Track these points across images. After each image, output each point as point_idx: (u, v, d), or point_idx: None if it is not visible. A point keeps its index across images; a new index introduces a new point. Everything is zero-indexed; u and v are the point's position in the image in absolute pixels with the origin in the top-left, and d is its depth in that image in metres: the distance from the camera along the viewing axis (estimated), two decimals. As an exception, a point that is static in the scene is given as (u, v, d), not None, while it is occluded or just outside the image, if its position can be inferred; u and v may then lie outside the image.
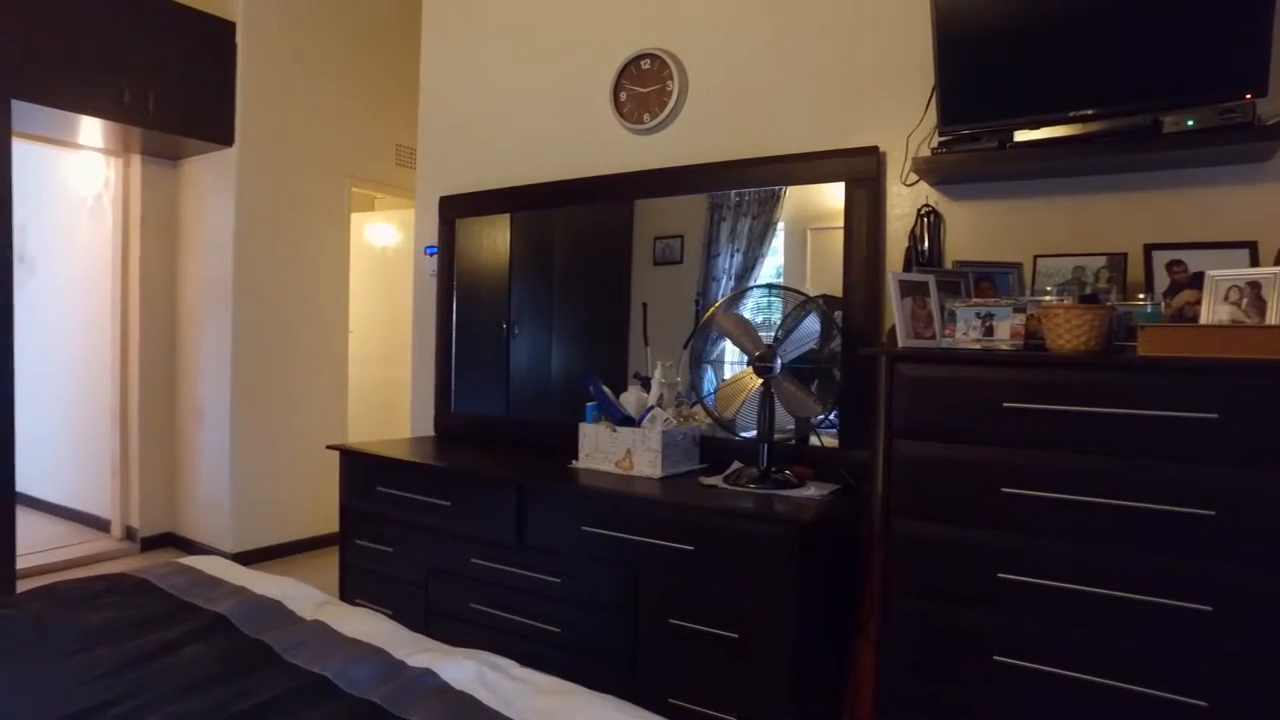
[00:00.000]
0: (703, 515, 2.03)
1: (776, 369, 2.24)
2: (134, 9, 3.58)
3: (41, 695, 1.25)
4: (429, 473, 2.57)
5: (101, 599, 1.65)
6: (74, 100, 3.40)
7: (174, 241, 4.31)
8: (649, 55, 2.77)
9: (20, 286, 3.29)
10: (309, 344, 4.34)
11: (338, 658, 1.35)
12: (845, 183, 2.36)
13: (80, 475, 4.71)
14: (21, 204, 3.28)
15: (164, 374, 4.32)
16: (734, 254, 2.65)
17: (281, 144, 4.14)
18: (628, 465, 2.39)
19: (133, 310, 4.24)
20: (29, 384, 3.34)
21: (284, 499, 4.23)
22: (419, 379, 3.43)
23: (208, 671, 1.31)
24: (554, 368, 3.15)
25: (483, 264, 3.26)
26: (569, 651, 2.23)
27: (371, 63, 4.51)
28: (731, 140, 2.62)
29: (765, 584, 1.91)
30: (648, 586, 2.11)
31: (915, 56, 2.23)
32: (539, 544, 2.31)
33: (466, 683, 1.27)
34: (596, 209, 2.96)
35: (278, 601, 1.62)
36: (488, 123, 3.24)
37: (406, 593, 2.60)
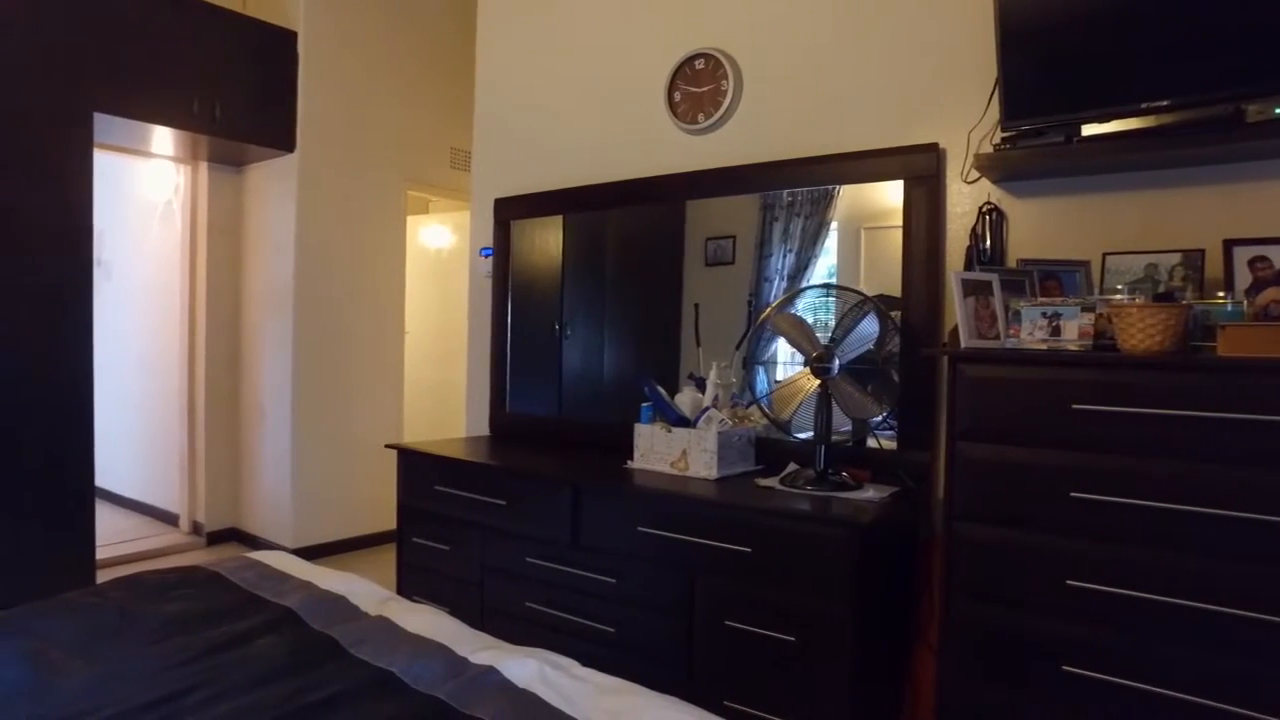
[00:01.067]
0: (759, 517, 2.01)
1: (834, 370, 2.21)
2: (203, 23, 3.71)
3: (129, 679, 1.30)
4: (485, 472, 2.61)
5: (177, 590, 1.71)
6: (148, 111, 3.53)
7: (238, 245, 4.45)
8: (703, 55, 2.76)
9: (98, 289, 3.42)
10: (366, 345, 4.43)
11: (402, 654, 1.37)
12: (904, 181, 2.32)
13: (151, 471, 4.89)
14: (100, 211, 3.40)
15: (228, 374, 4.46)
16: (786, 254, 2.63)
17: (340, 149, 4.24)
18: (683, 466, 2.39)
19: (200, 312, 4.39)
20: (105, 382, 3.48)
21: (342, 496, 4.33)
22: (474, 379, 3.48)
23: (278, 664, 1.35)
24: (606, 368, 3.17)
25: (535, 265, 3.29)
26: (623, 651, 2.23)
27: (427, 68, 4.59)
28: (786, 139, 2.60)
29: (823, 587, 1.89)
30: (703, 588, 2.10)
31: (976, 50, 2.18)
32: (594, 544, 2.32)
33: (529, 681, 1.28)
34: (648, 210, 2.97)
35: (342, 597, 1.66)
36: (542, 125, 3.27)
37: (462, 591, 2.63)
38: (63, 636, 1.48)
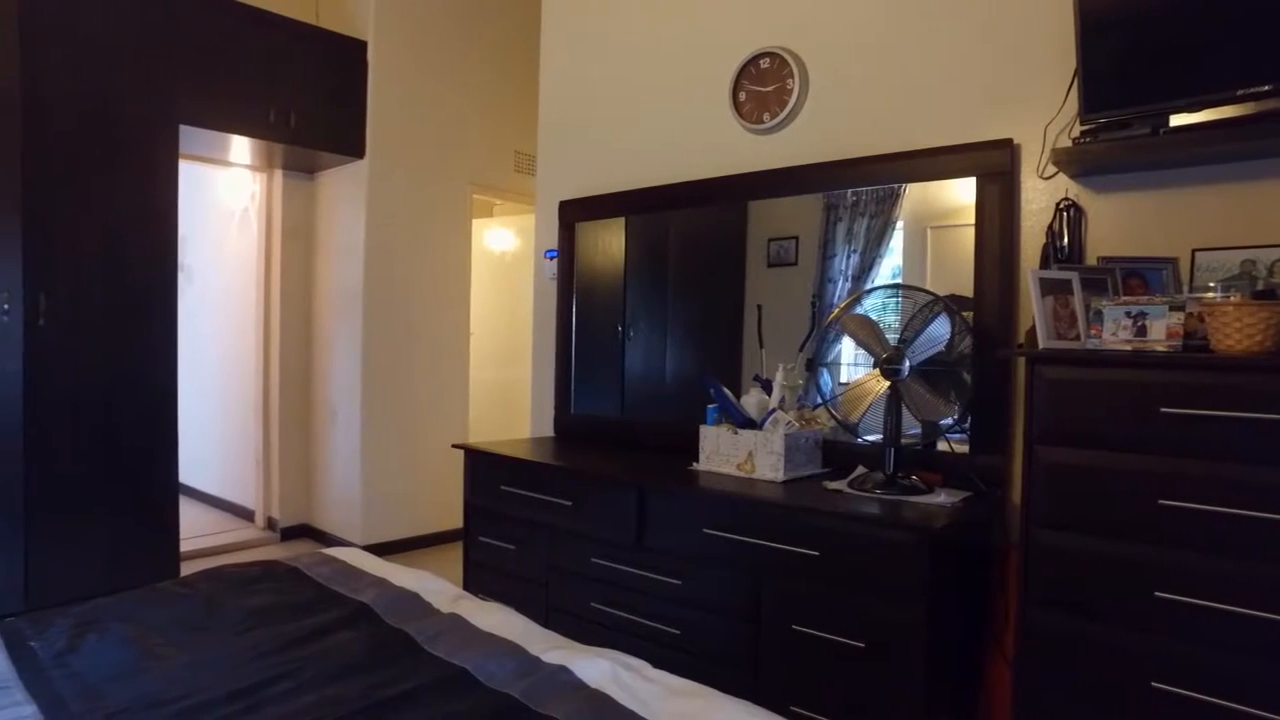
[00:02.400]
0: (828, 520, 1.98)
1: (904, 371, 2.17)
2: (279, 36, 3.84)
3: (217, 668, 1.35)
4: (551, 472, 2.63)
5: (259, 584, 1.78)
6: (228, 122, 3.68)
7: (310, 250, 4.59)
8: (769, 54, 2.74)
9: (180, 293, 3.58)
10: (433, 346, 4.52)
11: (476, 651, 1.40)
12: (976, 178, 2.26)
13: (229, 468, 5.09)
14: (183, 218, 3.56)
15: (301, 374, 4.61)
16: (850, 255, 2.59)
17: (408, 154, 4.34)
18: (749, 468, 2.37)
19: (274, 315, 4.55)
20: (187, 383, 3.63)
21: (409, 495, 4.42)
22: (539, 380, 3.51)
23: (356, 658, 1.39)
24: (668, 370, 3.17)
25: (598, 267, 3.31)
26: (688, 654, 2.23)
27: (492, 73, 4.66)
28: (853, 138, 2.56)
29: (894, 593, 1.85)
30: (770, 591, 2.08)
31: (1052, 41, 2.11)
32: (659, 545, 2.32)
33: (600, 681, 1.28)
34: (710, 211, 2.96)
35: (416, 594, 1.69)
36: (605, 128, 3.28)
37: (528, 590, 2.66)
38: (159, 624, 1.55)
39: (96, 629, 1.53)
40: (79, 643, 1.48)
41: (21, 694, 1.29)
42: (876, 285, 2.50)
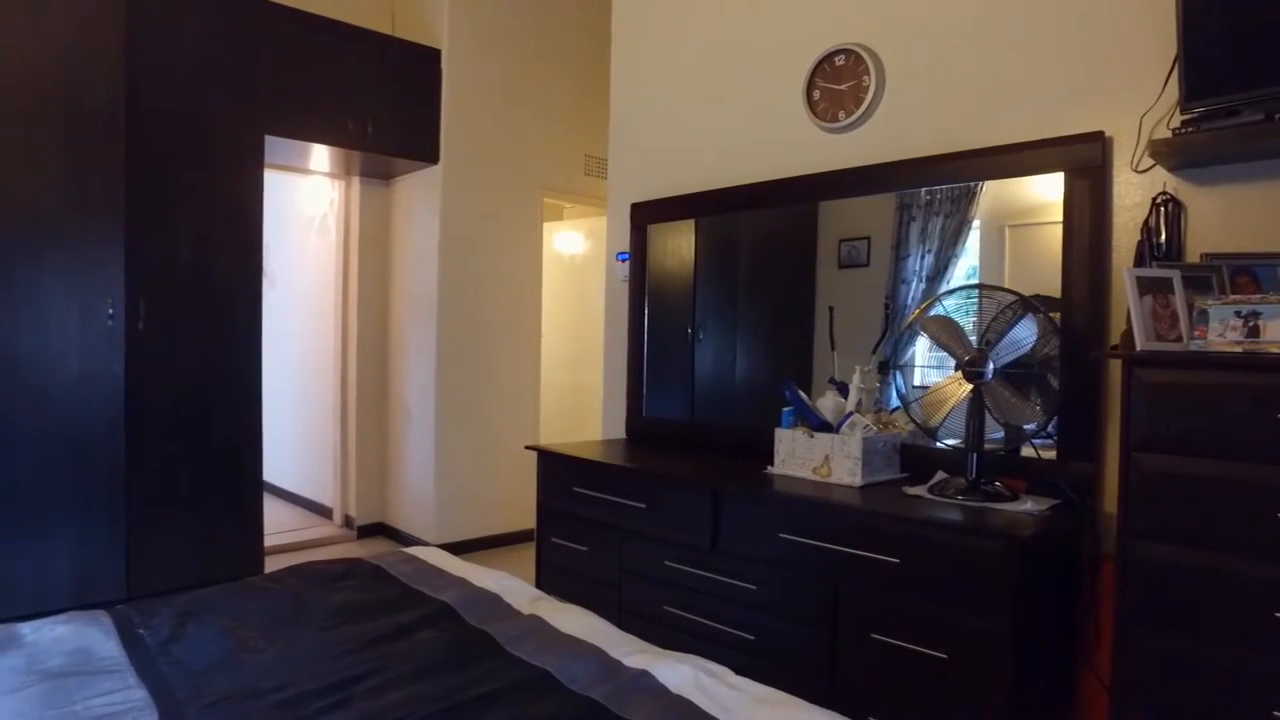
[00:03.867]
0: (909, 526, 1.93)
1: (988, 374, 2.10)
2: (357, 47, 3.95)
3: (307, 662, 1.39)
4: (624, 475, 2.63)
5: (343, 581, 1.82)
6: (310, 132, 3.81)
7: (386, 255, 4.71)
8: (843, 51, 2.69)
9: (264, 297, 3.71)
10: (505, 349, 4.59)
11: (557, 653, 1.40)
12: (1064, 173, 2.17)
13: (308, 466, 5.26)
14: (266, 225, 3.70)
15: (377, 376, 4.73)
16: (924, 255, 2.53)
17: (481, 160, 4.41)
18: (825, 472, 2.33)
19: (351, 318, 4.68)
20: (269, 383, 3.76)
21: (481, 495, 4.49)
22: (610, 383, 3.53)
23: (440, 657, 1.41)
24: (738, 372, 3.14)
25: (668, 269, 3.31)
26: (763, 660, 2.20)
27: (562, 77, 4.71)
28: (931, 135, 2.49)
29: (979, 603, 1.79)
30: (848, 598, 2.04)
31: (1148, 26, 2.02)
32: (734, 549, 2.29)
33: (682, 686, 1.27)
34: (780, 212, 2.93)
35: (496, 595, 1.71)
36: (677, 129, 3.28)
37: (600, 592, 2.67)
38: (251, 617, 1.61)
39: (196, 620, 1.60)
40: (181, 632, 1.55)
41: (134, 678, 1.35)
42: (958, 286, 2.43)
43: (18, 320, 3.00)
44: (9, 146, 2.97)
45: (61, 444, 3.10)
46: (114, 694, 1.30)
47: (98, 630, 1.56)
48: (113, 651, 1.47)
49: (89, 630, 1.56)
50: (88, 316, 3.15)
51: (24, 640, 1.50)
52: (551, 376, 5.01)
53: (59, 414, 3.09)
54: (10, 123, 2.97)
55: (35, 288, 3.03)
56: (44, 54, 3.02)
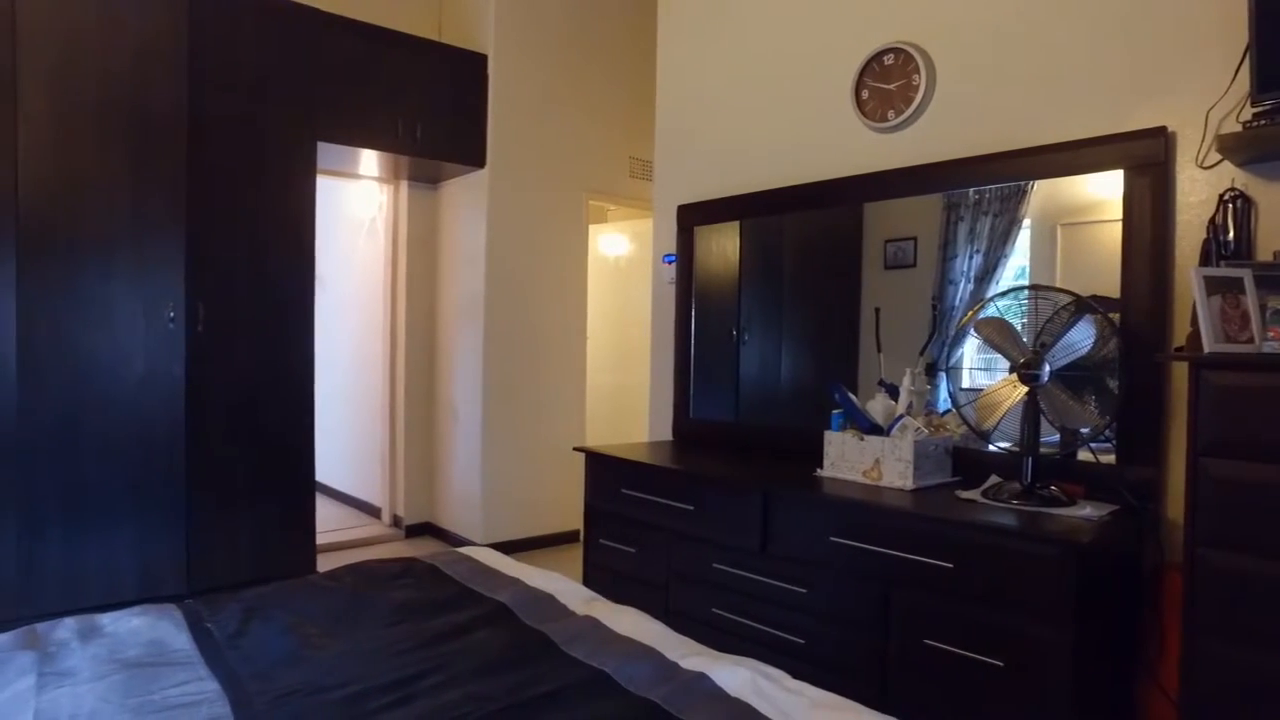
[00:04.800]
0: (963, 531, 1.90)
1: (1044, 377, 2.06)
2: (405, 53, 4.02)
3: (369, 659, 1.43)
4: (673, 477, 2.64)
5: (400, 579, 1.86)
6: (360, 137, 3.88)
7: (434, 257, 4.78)
8: (893, 50, 2.66)
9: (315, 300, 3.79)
10: (551, 350, 4.62)
11: (614, 654, 1.41)
12: (1124, 170, 2.13)
13: (357, 466, 5.36)
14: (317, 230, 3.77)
15: (424, 377, 4.80)
16: (973, 255, 2.50)
17: (527, 163, 4.45)
18: (875, 475, 2.31)
19: (400, 320, 4.76)
20: (320, 384, 3.83)
21: (527, 496, 4.53)
22: (657, 384, 3.53)
23: (498, 656, 1.43)
24: (783, 374, 3.13)
25: (713, 270, 3.31)
26: (813, 664, 2.18)
27: (607, 81, 4.74)
28: (984, 133, 2.45)
29: (1037, 610, 1.76)
30: (900, 603, 2.02)
31: (1215, 16, 1.96)
32: (783, 552, 2.29)
33: (740, 690, 1.28)
34: (825, 212, 2.91)
35: (551, 595, 1.73)
36: (724, 131, 3.27)
37: (648, 593, 2.67)
38: (313, 614, 1.65)
39: (260, 616, 1.65)
40: (246, 627, 1.59)
41: (205, 670, 1.40)
42: (1012, 286, 2.39)
43: (87, 323, 3.11)
44: (84, 156, 3.09)
45: (126, 443, 3.21)
46: (187, 685, 1.35)
47: (169, 623, 1.61)
48: (184, 644, 1.52)
49: (161, 623, 1.61)
50: (151, 319, 3.25)
51: (104, 631, 1.57)
52: (596, 378, 5.04)
53: (124, 414, 3.20)
54: (86, 134, 3.09)
55: (104, 292, 3.14)
56: (116, 66, 3.14)
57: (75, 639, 1.52)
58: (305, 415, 3.71)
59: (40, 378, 3.02)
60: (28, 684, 1.32)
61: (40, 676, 1.35)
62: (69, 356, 3.08)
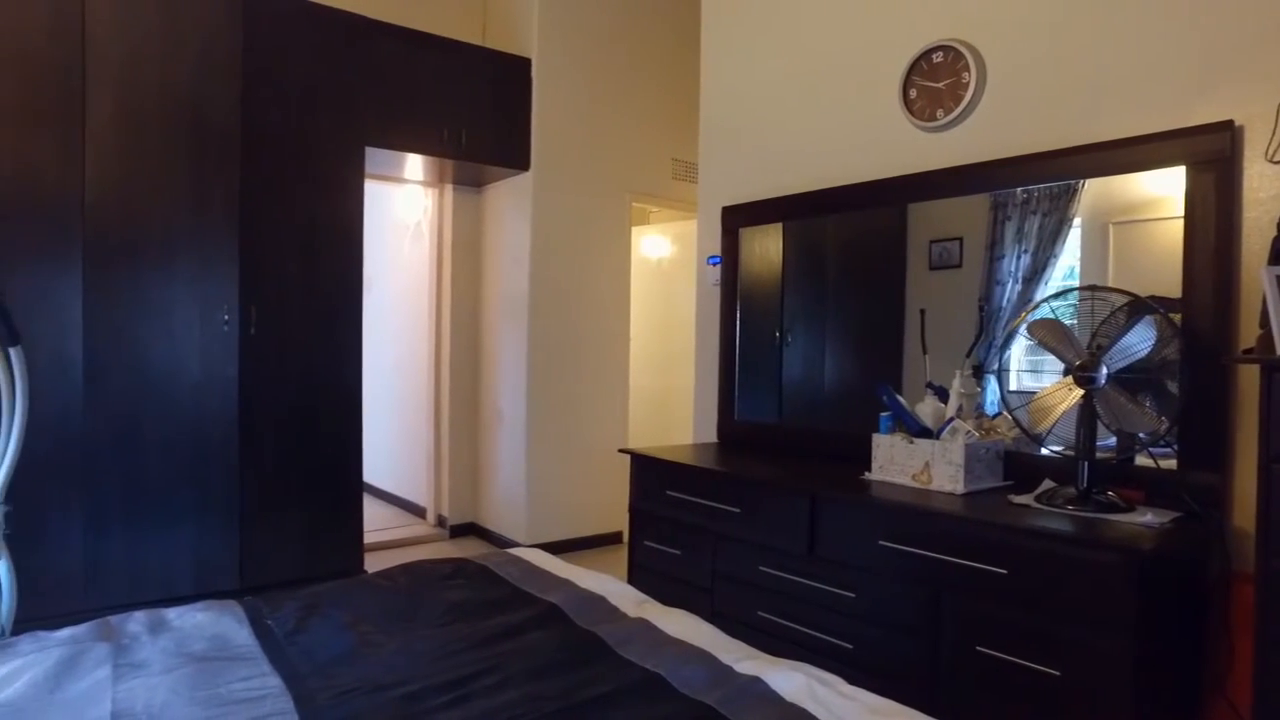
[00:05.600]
0: (1018, 536, 1.87)
1: (1101, 379, 2.02)
2: (450, 58, 4.07)
3: (425, 658, 1.45)
4: (719, 479, 2.63)
5: (453, 580, 1.89)
6: (407, 142, 3.95)
7: (478, 260, 4.84)
8: (942, 47, 2.63)
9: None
10: (594, 352, 4.64)
11: (667, 657, 1.42)
12: (1186, 166, 2.07)
13: (402, 466, 5.44)
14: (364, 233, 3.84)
15: (469, 379, 4.86)
16: (1021, 255, 2.45)
17: (570, 166, 4.48)
18: (925, 479, 2.28)
19: (445, 322, 4.82)
20: (366, 385, 3.90)
21: (570, 497, 4.56)
22: (702, 386, 3.53)
23: (552, 657, 1.44)
24: (827, 376, 3.11)
25: (756, 272, 3.29)
26: (861, 670, 2.16)
27: (650, 83, 4.75)
28: (1036, 131, 2.40)
29: (1096, 619, 1.72)
30: (951, 609, 1.99)
31: (1282, 6, 1.90)
32: (831, 556, 2.27)
33: (795, 694, 1.27)
34: (869, 213, 2.88)
35: (602, 597, 1.74)
36: (769, 131, 3.26)
37: (693, 595, 2.67)
38: (369, 612, 1.68)
39: (318, 613, 1.68)
40: (305, 624, 1.63)
41: (267, 666, 1.43)
42: (1067, 287, 2.34)
43: (149, 327, 3.21)
44: (146, 164, 3.19)
45: (183, 442, 3.30)
46: (251, 680, 1.38)
47: (231, 619, 1.66)
48: (246, 640, 1.56)
49: (224, 618, 1.66)
50: (206, 323, 3.34)
51: (171, 625, 1.62)
52: (639, 379, 5.05)
53: (181, 414, 3.30)
54: (147, 142, 3.19)
55: (163, 296, 3.24)
56: (176, 76, 3.24)
57: (145, 632, 1.57)
58: (353, 416, 3.78)
59: (104, 378, 3.12)
60: (105, 674, 1.37)
61: (115, 667, 1.40)
62: (130, 358, 3.18)
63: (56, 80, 3.01)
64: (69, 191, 3.04)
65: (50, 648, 1.47)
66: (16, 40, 2.94)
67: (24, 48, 2.95)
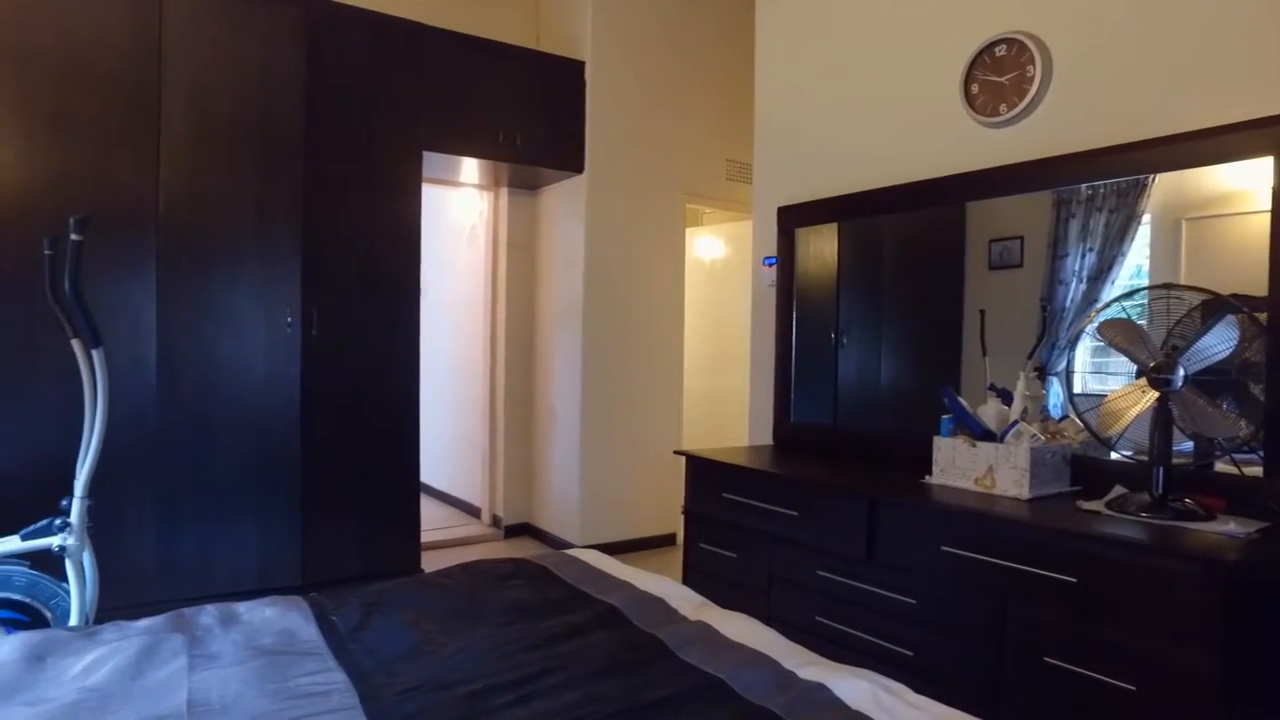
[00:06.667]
0: (1089, 544, 1.81)
1: (1178, 381, 1.94)
2: (505, 63, 4.13)
3: (487, 657, 1.46)
4: (776, 481, 2.61)
5: (512, 580, 1.90)
6: (463, 146, 4.01)
7: (533, 262, 4.88)
8: (1005, 40, 2.56)
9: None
10: (648, 353, 4.65)
11: (728, 661, 1.40)
12: (1275, 157, 1.97)
13: (457, 466, 5.52)
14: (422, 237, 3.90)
15: (523, 380, 4.90)
16: (1085, 254, 2.38)
17: (624, 168, 4.50)
18: (988, 483, 2.22)
19: (500, 324, 4.88)
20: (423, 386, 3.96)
21: (624, 498, 4.56)
22: (757, 388, 3.50)
23: (612, 659, 1.44)
24: (883, 378, 3.06)
25: (811, 273, 3.26)
26: (921, 678, 2.10)
27: (703, 83, 4.74)
28: (1106, 124, 2.32)
29: (1177, 632, 1.65)
30: (1017, 617, 1.94)
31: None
32: (891, 561, 2.23)
33: (860, 702, 1.25)
34: (926, 211, 2.83)
35: (661, 599, 1.74)
36: (825, 131, 3.22)
37: (749, 598, 2.64)
38: (431, 611, 1.71)
39: (381, 611, 1.71)
40: (368, 621, 1.66)
41: (333, 661, 1.47)
42: (1145, 285, 2.25)
43: (218, 328, 3.32)
44: (215, 171, 3.30)
45: (249, 441, 3.40)
46: (318, 675, 1.41)
47: (298, 614, 1.70)
48: (312, 635, 1.60)
49: (290, 614, 1.70)
50: (271, 325, 3.44)
51: (241, 618, 1.66)
52: (691, 380, 5.03)
53: (247, 413, 3.40)
54: (217, 150, 3.30)
55: (230, 298, 3.34)
56: (243, 88, 3.35)
57: (217, 625, 1.62)
58: (411, 417, 3.84)
59: (176, 378, 3.24)
60: (181, 664, 1.42)
61: (190, 658, 1.45)
62: (200, 359, 3.29)
63: (134, 96, 3.13)
64: (144, 201, 3.16)
65: (131, 636, 1.53)
66: (98, 61, 3.06)
67: (105, 68, 3.08)
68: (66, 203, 2.96)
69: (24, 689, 1.33)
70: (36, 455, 2.96)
